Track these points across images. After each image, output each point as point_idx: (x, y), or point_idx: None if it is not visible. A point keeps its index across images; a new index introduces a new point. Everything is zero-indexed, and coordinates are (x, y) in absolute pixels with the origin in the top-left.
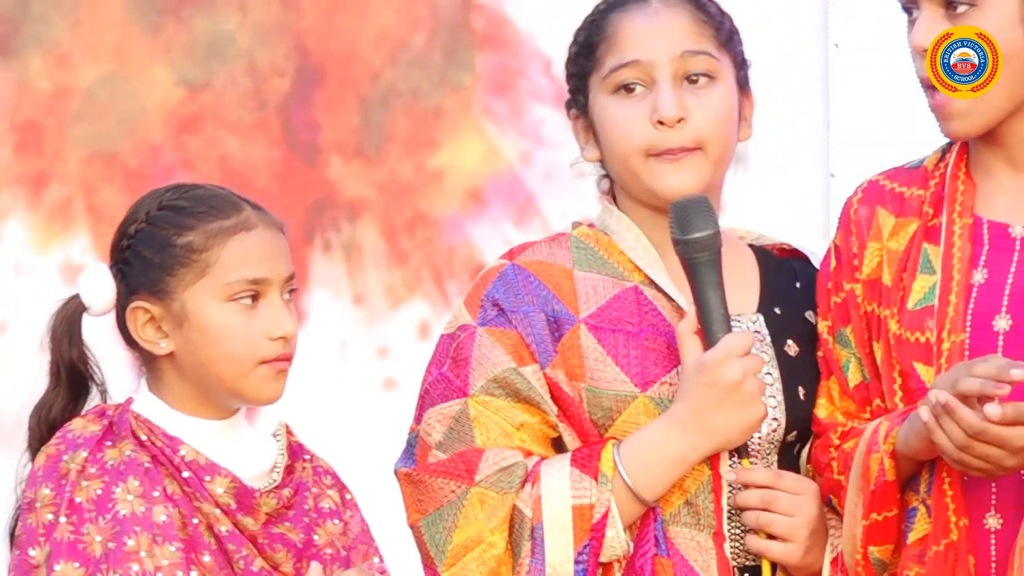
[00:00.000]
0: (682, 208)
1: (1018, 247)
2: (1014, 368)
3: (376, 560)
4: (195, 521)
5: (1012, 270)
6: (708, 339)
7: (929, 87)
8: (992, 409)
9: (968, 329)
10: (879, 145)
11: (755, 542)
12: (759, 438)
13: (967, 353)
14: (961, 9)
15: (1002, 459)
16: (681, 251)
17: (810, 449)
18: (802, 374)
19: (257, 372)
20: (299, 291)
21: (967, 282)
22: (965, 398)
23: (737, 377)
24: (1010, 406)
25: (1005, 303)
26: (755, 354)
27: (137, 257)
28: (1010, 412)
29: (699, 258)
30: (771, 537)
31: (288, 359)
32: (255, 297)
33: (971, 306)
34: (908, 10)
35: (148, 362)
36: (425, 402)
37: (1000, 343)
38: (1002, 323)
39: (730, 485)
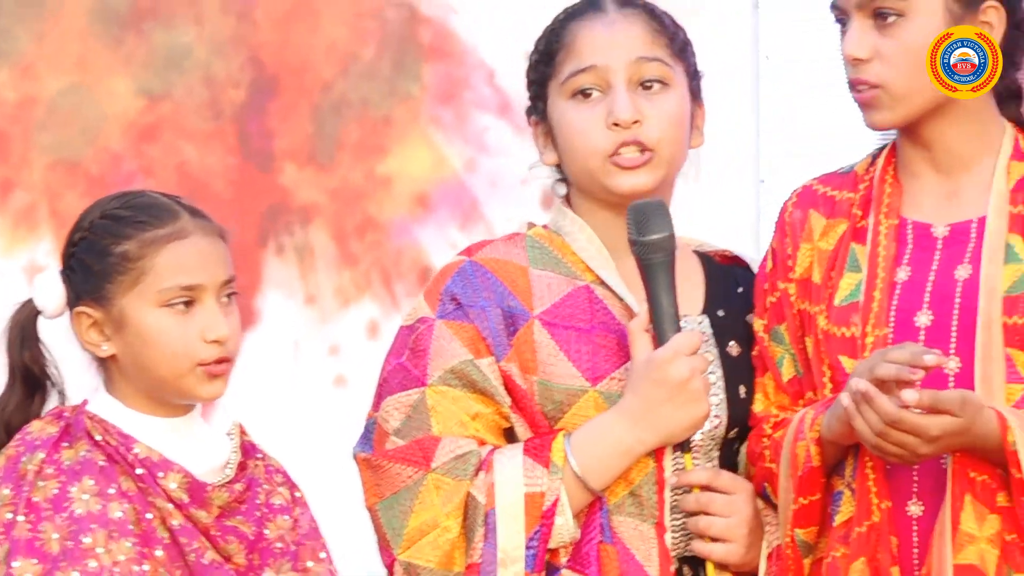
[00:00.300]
0: (640, 210)
1: (939, 246)
2: (927, 354)
3: (323, 556)
4: (149, 516)
5: (933, 268)
6: (659, 337)
7: (853, 88)
8: (909, 394)
9: (891, 324)
10: (807, 154)
11: (699, 546)
12: (702, 435)
13: (890, 345)
14: (890, 19)
15: (917, 447)
16: (637, 251)
17: (748, 441)
18: (743, 374)
19: (195, 373)
20: (253, 292)
21: (891, 279)
22: (883, 384)
23: (685, 375)
24: (926, 393)
25: (927, 299)
26: (702, 354)
27: (80, 264)
28: (926, 399)
29: (654, 259)
30: (713, 539)
31: (226, 360)
32: (190, 302)
33: (894, 302)
34: (840, 21)
35: (100, 364)
36: (384, 390)
37: (921, 338)
38: (923, 319)
39: (672, 488)
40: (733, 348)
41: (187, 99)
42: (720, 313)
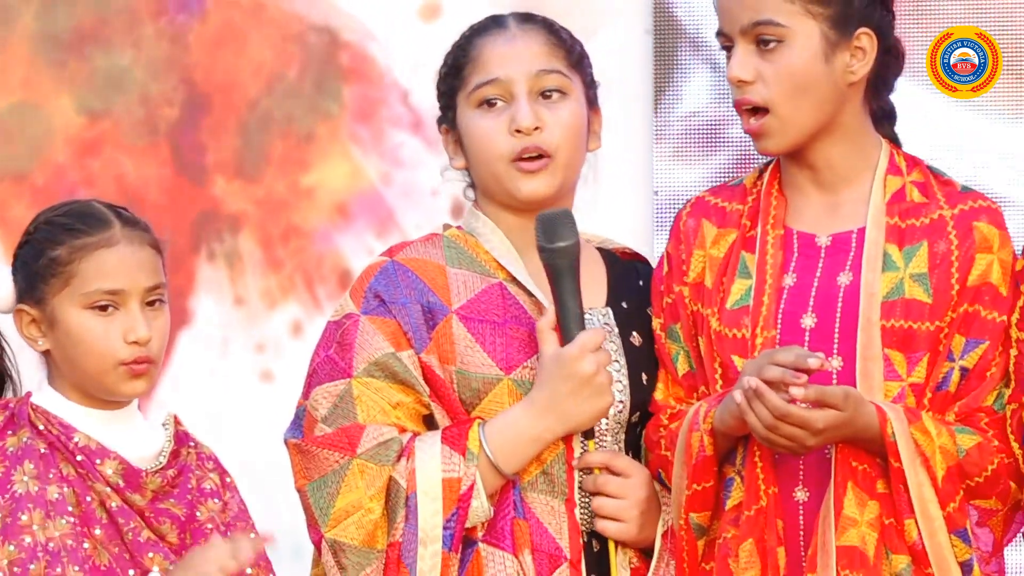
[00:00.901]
0: (547, 219)
1: (823, 255)
2: (811, 358)
3: (254, 536)
4: (88, 499)
5: (817, 275)
6: (565, 335)
7: (743, 112)
8: (797, 390)
9: (779, 326)
10: (697, 167)
11: (598, 523)
12: (607, 419)
13: (777, 346)
14: (771, 45)
15: (804, 439)
16: (545, 257)
17: (647, 429)
18: (645, 362)
19: (117, 371)
20: (187, 294)
21: (778, 285)
22: (771, 383)
23: (591, 370)
24: (812, 388)
25: (811, 303)
26: (606, 349)
27: (22, 265)
28: (812, 394)
29: (560, 264)
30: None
31: (146, 360)
32: (114, 306)
33: (782, 306)
34: (726, 47)
35: (44, 359)
36: (313, 380)
37: (807, 339)
38: (808, 321)
39: (578, 468)
40: (635, 338)
41: (125, 116)
42: (623, 305)
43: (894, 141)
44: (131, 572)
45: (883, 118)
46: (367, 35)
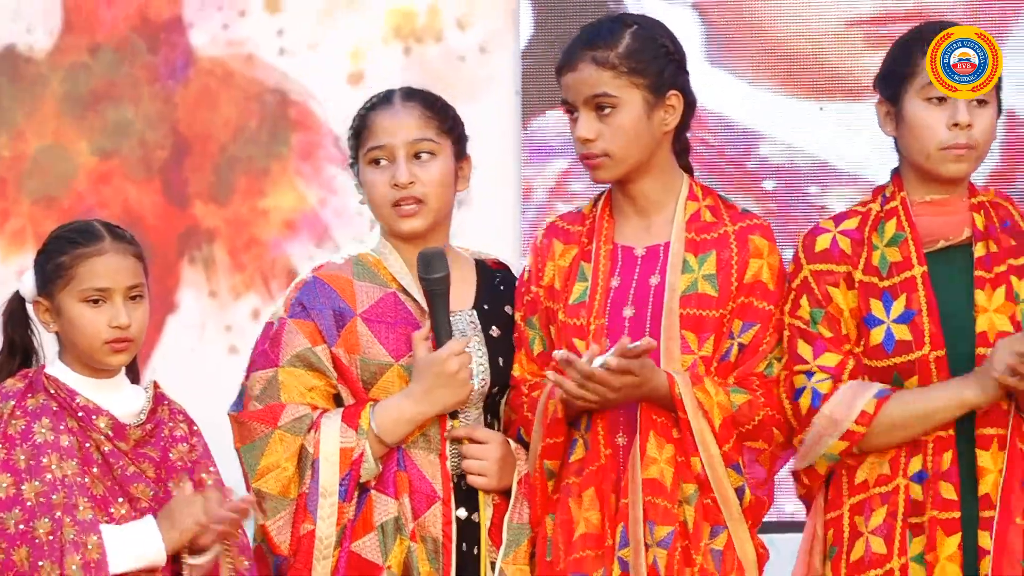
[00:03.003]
0: (426, 256)
1: (639, 262)
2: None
3: (212, 469)
4: (87, 445)
5: (635, 277)
6: (437, 341)
7: (583, 159)
8: (611, 360)
9: (606, 316)
10: (558, 196)
11: (468, 478)
12: (473, 393)
13: (605, 331)
14: (607, 110)
15: (606, 394)
16: (423, 284)
17: (507, 398)
18: (502, 349)
19: (103, 348)
20: (174, 289)
21: (607, 286)
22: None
23: (455, 368)
24: (614, 361)
25: (631, 299)
26: (467, 352)
27: (39, 268)
28: (613, 363)
29: (435, 290)
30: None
31: (125, 339)
32: (102, 299)
33: (609, 301)
34: (570, 112)
35: (56, 340)
36: (252, 367)
37: (627, 325)
38: (628, 312)
39: (449, 439)
40: (494, 331)
41: (128, 157)
42: (486, 307)
43: (688, 169)
44: (120, 499)
45: (682, 153)
46: (309, 96)
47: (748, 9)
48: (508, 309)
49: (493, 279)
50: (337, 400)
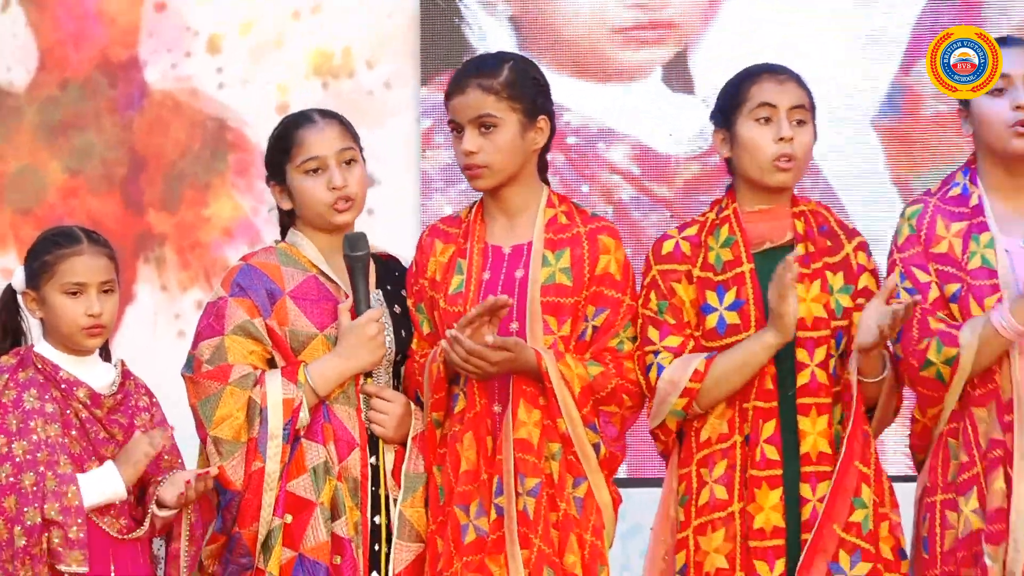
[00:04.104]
0: (352, 238)
1: (506, 259)
2: (494, 303)
3: (170, 432)
4: (68, 412)
5: (503, 271)
6: (358, 310)
7: (466, 169)
8: (489, 337)
9: (478, 304)
10: (453, 207)
11: (373, 429)
12: (387, 354)
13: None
14: (489, 129)
15: (486, 367)
16: (348, 261)
17: (404, 367)
18: (403, 323)
19: (80, 333)
20: (132, 283)
21: (480, 279)
22: (475, 333)
23: (373, 333)
24: (498, 338)
25: (499, 290)
26: (382, 321)
27: (28, 265)
28: (497, 341)
29: (357, 266)
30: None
31: (98, 326)
32: (79, 292)
33: (481, 291)
34: (455, 130)
35: (41, 324)
36: (199, 337)
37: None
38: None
39: (363, 392)
40: (396, 309)
41: (92, 174)
42: (388, 287)
43: (547, 181)
44: (92, 458)
45: (542, 168)
46: (243, 123)
47: (551, 21)
48: (403, 292)
49: (389, 267)
50: (271, 364)
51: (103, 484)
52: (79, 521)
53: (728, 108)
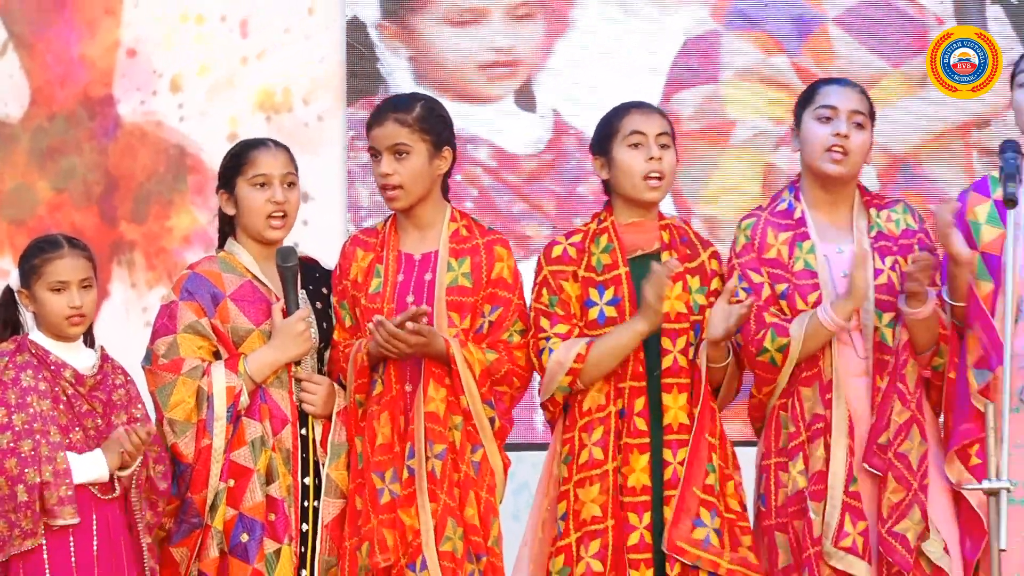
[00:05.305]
0: (284, 251)
1: (417, 265)
2: (419, 313)
3: (140, 406)
4: (56, 389)
5: (414, 275)
6: (288, 310)
7: (383, 190)
8: (411, 325)
9: (395, 302)
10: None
11: (303, 407)
12: (313, 346)
13: (394, 312)
14: (403, 155)
15: (404, 348)
16: (281, 269)
17: (329, 355)
18: (325, 318)
19: (64, 323)
20: (107, 282)
21: (395, 281)
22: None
23: (302, 329)
24: (416, 326)
25: (411, 290)
26: (308, 320)
27: (21, 268)
28: (414, 327)
29: (288, 274)
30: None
31: (79, 315)
32: (63, 289)
33: (396, 292)
34: (374, 156)
35: (33, 316)
36: (155, 335)
37: (411, 309)
38: (410, 299)
39: (295, 379)
40: (319, 305)
41: (75, 191)
42: (310, 287)
43: (449, 201)
44: (76, 428)
45: (445, 190)
46: (200, 149)
47: (437, 60)
48: (325, 290)
49: (311, 269)
50: (216, 355)
51: (92, 467)
52: (68, 482)
53: (604, 138)
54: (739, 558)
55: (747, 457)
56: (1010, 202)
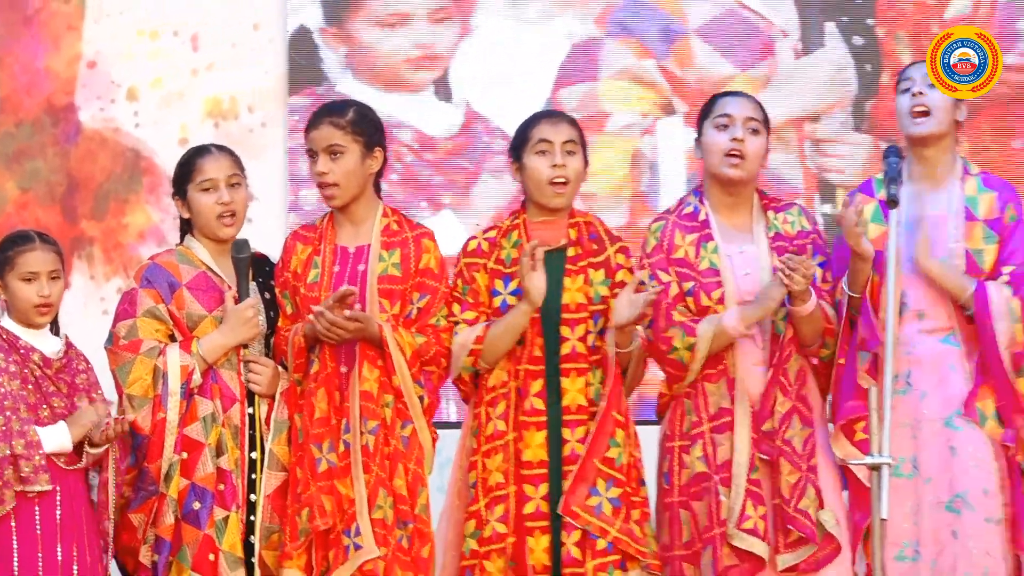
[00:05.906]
0: (239, 243)
1: (351, 256)
2: (345, 293)
3: (100, 391)
4: (26, 371)
5: (349, 266)
6: (240, 298)
7: (320, 187)
8: (349, 312)
9: (332, 291)
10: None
11: (250, 387)
12: (260, 331)
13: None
14: (337, 155)
15: (343, 334)
16: (235, 260)
17: (273, 340)
18: (273, 306)
19: (33, 311)
20: (68, 274)
21: (331, 272)
22: (332, 310)
23: (251, 315)
24: (354, 312)
25: (346, 280)
26: (257, 307)
27: None
28: (351, 314)
29: (241, 265)
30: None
31: (47, 304)
32: (33, 279)
33: (333, 280)
34: (311, 156)
35: (5, 304)
36: (117, 318)
37: (359, 305)
38: (344, 287)
39: (244, 361)
40: (267, 295)
41: (39, 192)
42: (260, 280)
43: (381, 198)
44: (43, 406)
45: (377, 188)
46: (154, 153)
47: (369, 56)
48: (272, 282)
49: (261, 264)
50: (172, 339)
51: (56, 438)
52: (40, 453)
53: (518, 146)
54: (627, 528)
55: (649, 436)
56: (892, 202)
